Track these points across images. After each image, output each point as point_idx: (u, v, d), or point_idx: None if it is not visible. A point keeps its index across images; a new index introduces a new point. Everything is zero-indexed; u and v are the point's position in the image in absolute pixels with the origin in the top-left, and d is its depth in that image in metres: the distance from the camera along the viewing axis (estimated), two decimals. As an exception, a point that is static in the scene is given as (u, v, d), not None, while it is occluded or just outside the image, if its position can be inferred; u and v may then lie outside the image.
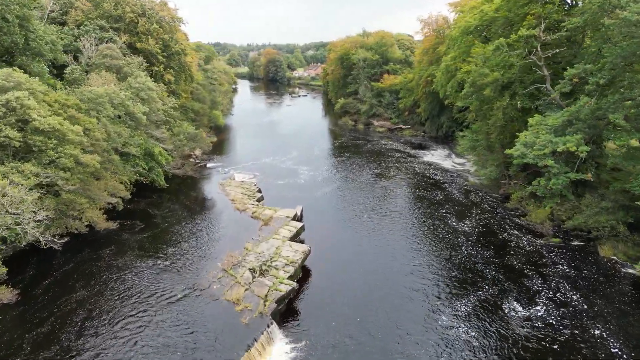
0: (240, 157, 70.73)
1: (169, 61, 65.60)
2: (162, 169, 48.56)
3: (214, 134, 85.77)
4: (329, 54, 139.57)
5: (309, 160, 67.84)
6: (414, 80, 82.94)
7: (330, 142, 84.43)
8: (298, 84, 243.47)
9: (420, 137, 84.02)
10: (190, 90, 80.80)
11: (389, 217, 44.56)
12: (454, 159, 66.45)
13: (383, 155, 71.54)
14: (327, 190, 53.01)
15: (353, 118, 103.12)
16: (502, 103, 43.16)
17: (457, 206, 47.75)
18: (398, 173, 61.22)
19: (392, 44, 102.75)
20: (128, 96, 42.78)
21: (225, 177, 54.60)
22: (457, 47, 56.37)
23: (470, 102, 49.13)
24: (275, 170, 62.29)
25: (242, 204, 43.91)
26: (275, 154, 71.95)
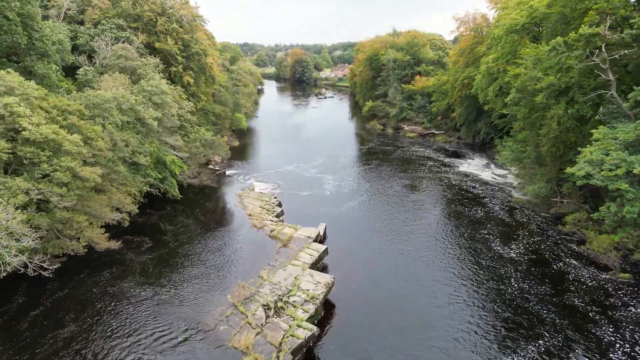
0: (261, 164, 66.89)
1: (188, 62, 62.40)
2: (176, 179, 45.07)
3: (236, 138, 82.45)
4: (357, 55, 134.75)
5: (335, 169, 63.33)
6: (449, 83, 77.27)
7: (357, 147, 79.71)
8: (324, 85, 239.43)
9: (455, 143, 78.18)
10: (212, 92, 77.67)
11: (423, 239, 39.55)
12: (493, 170, 60.58)
13: (414, 164, 66.31)
14: (353, 204, 48.35)
15: (381, 122, 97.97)
16: (557, 111, 37.49)
17: (500, 226, 42.29)
18: (431, 184, 55.97)
19: (424, 44, 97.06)
20: (139, 100, 39.36)
21: (244, 187, 50.72)
22: (501, 47, 50.73)
23: (517, 110, 43.54)
24: (298, 179, 58.06)
25: (259, 219, 39.82)
26: (299, 161, 67.77)
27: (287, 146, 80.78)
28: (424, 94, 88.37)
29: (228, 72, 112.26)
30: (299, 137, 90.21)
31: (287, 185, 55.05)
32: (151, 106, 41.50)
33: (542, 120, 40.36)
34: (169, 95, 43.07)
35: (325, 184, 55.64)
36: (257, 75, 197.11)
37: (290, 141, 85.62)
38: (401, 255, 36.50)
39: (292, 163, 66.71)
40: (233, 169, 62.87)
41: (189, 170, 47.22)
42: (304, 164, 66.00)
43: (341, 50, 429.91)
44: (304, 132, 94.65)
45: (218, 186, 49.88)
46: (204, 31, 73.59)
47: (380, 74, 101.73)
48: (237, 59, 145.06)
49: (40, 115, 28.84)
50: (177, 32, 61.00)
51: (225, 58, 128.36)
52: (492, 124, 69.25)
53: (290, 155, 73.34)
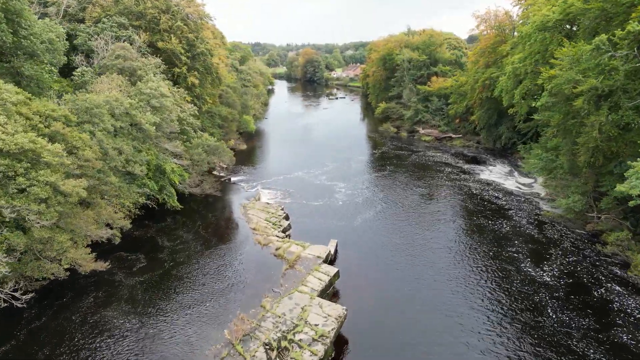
0: (269, 169, 63.51)
1: (193, 62, 59.23)
2: (176, 188, 41.86)
3: (243, 141, 79.27)
4: (370, 54, 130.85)
5: (346, 175, 59.66)
6: (468, 84, 73.06)
7: (370, 151, 75.92)
8: (336, 85, 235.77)
9: (474, 148, 73.93)
10: (219, 93, 74.55)
11: (445, 259, 35.68)
12: (517, 179, 56.30)
13: (431, 170, 62.31)
14: (367, 216, 44.64)
15: (395, 124, 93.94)
16: (598, 118, 33.34)
17: (530, 244, 38.25)
18: (450, 194, 51.99)
19: (441, 43, 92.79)
20: (134, 104, 36.15)
21: (250, 196, 47.32)
22: (529, 47, 46.53)
23: (549, 115, 39.40)
24: (308, 187, 54.52)
25: (264, 234, 36.34)
26: (309, 166, 64.24)
27: (296, 150, 77.34)
28: (441, 95, 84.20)
29: (237, 73, 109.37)
30: (309, 139, 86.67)
31: (296, 193, 51.55)
32: (149, 110, 38.30)
33: (580, 128, 36.19)
34: (169, 98, 39.83)
35: (336, 193, 52.00)
36: (267, 75, 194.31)
37: (300, 144, 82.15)
38: (421, 279, 32.72)
39: (302, 168, 63.22)
40: (239, 175, 59.56)
41: (191, 178, 43.98)
42: (314, 170, 62.45)
43: (353, 49, 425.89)
44: (314, 135, 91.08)
45: (222, 195, 46.54)
46: (211, 30, 70.48)
47: (394, 74, 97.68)
48: (247, 59, 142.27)
49: (19, 123, 25.69)
50: (181, 30, 57.88)
51: (235, 58, 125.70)
52: (514, 129, 64.98)
53: (300, 159, 69.90)
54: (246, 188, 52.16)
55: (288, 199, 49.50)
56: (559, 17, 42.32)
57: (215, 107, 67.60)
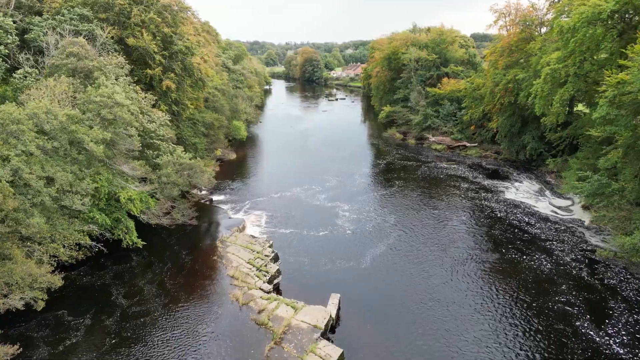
0: (261, 186, 55.05)
1: (170, 62, 50.79)
2: (140, 219, 33.50)
3: (233, 150, 70.83)
4: (373, 53, 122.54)
5: (350, 193, 51.24)
6: (485, 87, 64.67)
7: (375, 162, 67.48)
8: (335, 85, 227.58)
9: (492, 159, 65.52)
10: (205, 97, 66.10)
11: (481, 319, 27.26)
12: (551, 199, 47.83)
13: (446, 186, 53.92)
14: (377, 252, 36.19)
15: (401, 130, 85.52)
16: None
17: (582, 292, 29.95)
18: (472, 218, 43.61)
19: (452, 41, 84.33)
20: (75, 117, 27.71)
21: (232, 226, 38.80)
22: (573, 44, 38.09)
23: (613, 130, 30.96)
24: (305, 210, 46.09)
25: (245, 286, 27.95)
26: (306, 181, 55.83)
27: (293, 160, 68.92)
28: (453, 99, 75.79)
29: (231, 73, 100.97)
30: (308, 148, 78.22)
31: (290, 219, 43.13)
32: (98, 123, 29.83)
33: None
34: (125, 107, 31.32)
35: (339, 218, 43.56)
36: (264, 74, 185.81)
37: (297, 153, 73.70)
38: (457, 354, 24.31)
39: (299, 184, 54.81)
40: (224, 192, 51.10)
41: (159, 205, 35.54)
42: (313, 186, 54.02)
43: (352, 48, 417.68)
44: (313, 142, 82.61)
45: (198, 224, 38.05)
46: (194, 25, 61.87)
47: (400, 75, 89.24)
48: (242, 58, 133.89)
49: None
50: (156, 24, 49.43)
51: (229, 57, 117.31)
52: (541, 138, 56.66)
53: (297, 172, 61.49)
54: (230, 212, 43.64)
55: (280, 227, 41.06)
56: (614, 7, 33.98)
57: (199, 114, 59.14)
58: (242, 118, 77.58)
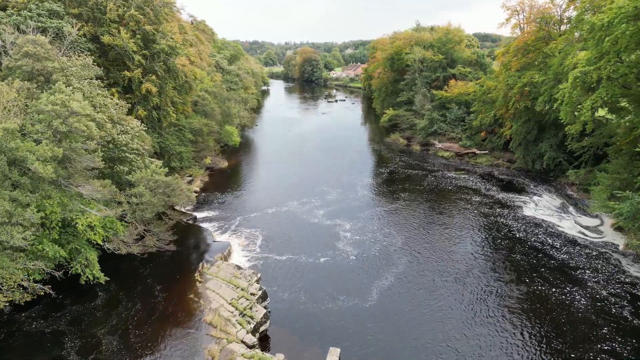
0: (252, 199, 49.98)
1: (152, 63, 45.75)
2: (102, 249, 28.46)
3: (224, 158, 65.79)
4: (375, 53, 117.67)
5: (351, 209, 46.22)
6: (498, 90, 59.64)
7: (378, 171, 62.41)
8: (335, 86, 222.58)
9: (505, 169, 60.47)
10: (194, 100, 61.07)
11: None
12: (576, 217, 42.76)
13: (456, 199, 48.93)
14: (385, 284, 31.10)
15: (405, 135, 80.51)
16: None
17: (630, 339, 24.96)
18: (489, 239, 38.60)
19: (460, 41, 79.23)
20: (15, 131, 22.66)
21: (216, 252, 33.72)
22: (608, 43, 32.98)
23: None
24: (301, 230, 41.04)
25: (225, 338, 22.90)
26: (303, 193, 50.82)
27: (289, 168, 63.86)
28: (461, 102, 70.74)
29: (223, 73, 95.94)
30: (305, 154, 73.18)
31: (284, 242, 38.09)
32: (49, 137, 24.78)
33: None
34: (87, 116, 26.26)
35: (339, 240, 38.49)
36: (261, 75, 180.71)
37: (294, 161, 68.68)
38: None
39: (295, 196, 49.80)
40: (210, 208, 46.04)
41: (129, 230, 30.48)
42: (311, 199, 49.01)
43: (352, 48, 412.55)
44: (311, 148, 77.55)
45: (176, 249, 33.00)
46: (181, 22, 56.69)
47: (403, 76, 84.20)
48: (238, 58, 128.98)
49: None
50: (136, 21, 44.41)
51: (224, 56, 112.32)
52: (560, 147, 51.69)
53: (293, 183, 56.47)
54: (215, 234, 38.52)
55: (273, 252, 35.98)
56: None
57: (185, 119, 54.06)
58: (235, 122, 72.51)
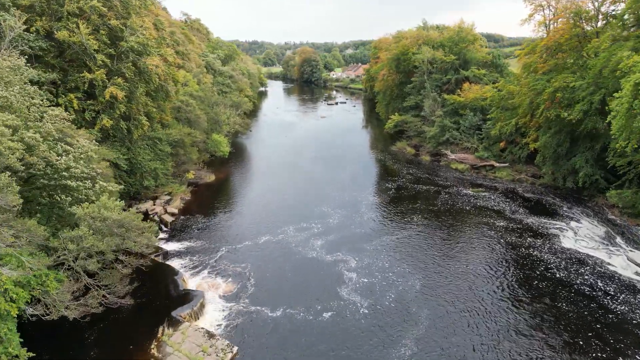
0: (238, 225, 42.62)
1: (119, 64, 38.50)
2: (26, 311, 21.21)
3: (211, 171, 58.41)
4: (379, 53, 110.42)
5: (356, 238, 38.94)
6: (521, 96, 52.41)
7: (383, 186, 55.12)
8: (335, 87, 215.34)
9: (529, 184, 53.18)
10: (178, 106, 53.88)
11: None
12: (627, 251, 35.41)
13: (477, 224, 41.72)
14: (406, 354, 23.82)
15: (413, 143, 73.27)
16: None
17: None
18: (527, 283, 31.30)
19: (474, 40, 71.92)
20: None
21: (184, 306, 26.37)
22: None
23: None
24: (296, 269, 33.68)
25: None
26: (300, 217, 43.61)
27: (284, 183, 56.60)
28: (476, 108, 63.49)
29: (215, 75, 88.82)
30: (303, 166, 65.94)
31: (274, 288, 30.74)
32: None
33: None
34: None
35: (345, 284, 31.12)
36: (258, 76, 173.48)
37: (290, 174, 61.43)
38: None
39: (289, 220, 42.61)
40: (186, 237, 38.72)
41: (66, 284, 23.21)
42: (308, 224, 41.79)
43: (353, 48, 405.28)
44: (309, 158, 70.32)
45: (131, 304, 25.68)
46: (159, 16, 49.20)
47: (410, 79, 76.93)
48: (232, 58, 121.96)
49: None
50: (99, 14, 37.19)
51: (218, 56, 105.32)
52: (598, 162, 44.52)
53: (288, 201, 49.21)
54: (186, 277, 31.06)
55: (258, 304, 28.55)
56: None
57: (163, 129, 46.76)
58: (224, 130, 65.18)
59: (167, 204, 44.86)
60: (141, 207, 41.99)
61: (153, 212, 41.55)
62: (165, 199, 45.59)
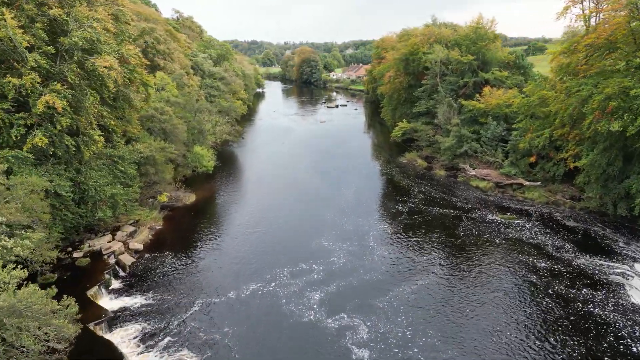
0: (215, 268, 34.10)
1: (61, 65, 30.07)
2: None
3: (191, 190, 49.90)
4: (381, 53, 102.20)
5: (365, 288, 30.50)
6: (557, 103, 44.06)
7: (393, 209, 46.73)
8: (335, 88, 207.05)
9: (568, 209, 44.76)
10: (151, 114, 45.54)
11: None
12: None
13: (514, 265, 33.38)
14: None
15: (424, 154, 64.93)
16: None
17: None
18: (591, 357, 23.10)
19: (493, 38, 63.46)
20: None
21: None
22: None
23: None
24: (288, 345, 25.27)
25: None
26: (294, 255, 35.31)
27: (276, 206, 48.17)
28: (499, 116, 55.08)
29: (204, 76, 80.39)
30: (299, 180, 57.60)
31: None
32: None
33: None
34: None
35: (345, 367, 22.83)
36: (255, 76, 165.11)
37: (284, 191, 53.05)
38: None
39: (280, 261, 34.26)
40: (146, 287, 30.24)
41: None
42: (304, 267, 33.46)
43: (353, 48, 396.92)
44: (307, 171, 61.95)
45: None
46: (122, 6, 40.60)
47: (420, 82, 68.55)
48: (226, 58, 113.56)
49: None
50: (37, 2, 28.83)
51: (209, 56, 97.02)
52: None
53: (280, 233, 40.81)
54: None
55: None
56: None
57: (126, 146, 38.25)
58: (209, 141, 56.67)
59: (130, 237, 36.45)
60: (94, 245, 33.56)
61: (109, 251, 33.07)
62: (129, 230, 37.18)
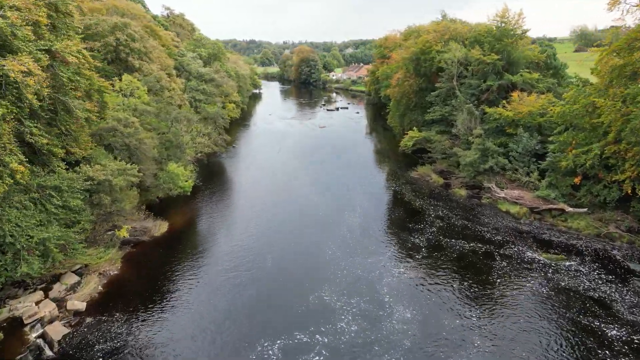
0: (180, 340, 25.54)
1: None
2: None
3: (162, 218, 41.12)
4: (386, 52, 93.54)
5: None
6: (611, 112, 35.57)
7: (408, 242, 38.20)
8: (335, 89, 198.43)
9: (627, 243, 36.21)
10: (111, 127, 36.98)
11: None
12: None
13: (570, 333, 24.97)
14: None
15: (439, 168, 56.31)
16: None
17: None
18: None
19: (522, 34, 54.55)
20: None
21: None
22: None
23: None
24: None
25: None
26: (286, 320, 26.76)
27: (267, 236, 39.54)
28: (531, 126, 46.48)
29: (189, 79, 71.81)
30: (296, 200, 48.97)
31: None
32: None
33: None
34: None
35: None
36: (252, 77, 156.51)
37: (277, 216, 44.41)
38: None
39: (270, 330, 25.75)
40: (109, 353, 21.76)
41: None
42: (300, 339, 24.95)
43: (353, 48, 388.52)
44: (304, 188, 53.36)
45: None
46: None
47: (435, 84, 59.92)
48: (218, 57, 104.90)
49: None
50: None
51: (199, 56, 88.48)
52: None
53: (269, 283, 32.03)
54: None
55: None
56: None
57: (67, 173, 29.60)
58: (185, 156, 47.92)
59: (71, 292, 27.86)
60: (17, 308, 24.93)
61: (33, 319, 24.42)
62: (72, 281, 28.60)
